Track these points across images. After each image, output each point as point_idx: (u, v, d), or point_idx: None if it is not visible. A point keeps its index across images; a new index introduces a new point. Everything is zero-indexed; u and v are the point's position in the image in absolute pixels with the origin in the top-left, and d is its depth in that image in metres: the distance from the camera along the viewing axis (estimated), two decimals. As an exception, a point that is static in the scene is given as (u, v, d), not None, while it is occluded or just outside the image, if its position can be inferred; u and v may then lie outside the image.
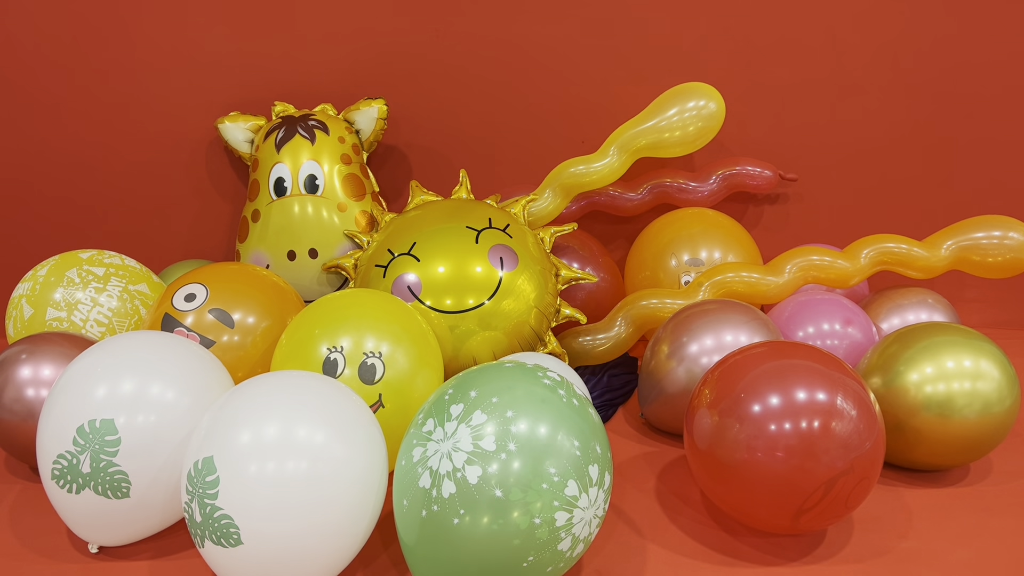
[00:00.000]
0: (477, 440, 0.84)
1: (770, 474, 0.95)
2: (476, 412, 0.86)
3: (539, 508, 0.82)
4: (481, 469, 0.82)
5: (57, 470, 0.97)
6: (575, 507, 0.84)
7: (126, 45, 1.65)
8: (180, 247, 1.79)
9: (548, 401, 0.88)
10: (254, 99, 1.67)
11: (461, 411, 0.87)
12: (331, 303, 1.20)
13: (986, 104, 1.68)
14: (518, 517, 0.82)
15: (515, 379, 0.90)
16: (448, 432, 0.86)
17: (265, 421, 0.90)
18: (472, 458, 0.83)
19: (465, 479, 0.82)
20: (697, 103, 1.50)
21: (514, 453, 0.83)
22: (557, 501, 0.83)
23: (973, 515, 1.12)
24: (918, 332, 1.19)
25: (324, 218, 1.52)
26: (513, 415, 0.85)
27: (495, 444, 0.83)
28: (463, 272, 1.34)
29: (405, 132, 1.73)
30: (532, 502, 0.82)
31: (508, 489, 0.82)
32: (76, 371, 1.01)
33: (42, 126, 1.70)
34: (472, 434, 0.84)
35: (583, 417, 0.89)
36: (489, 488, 0.82)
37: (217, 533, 0.87)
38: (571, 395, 0.91)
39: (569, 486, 0.84)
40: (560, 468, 0.83)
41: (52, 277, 1.33)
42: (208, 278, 1.27)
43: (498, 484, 0.82)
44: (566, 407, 0.88)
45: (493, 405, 0.86)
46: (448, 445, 0.85)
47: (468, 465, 0.83)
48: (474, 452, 0.83)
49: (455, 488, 0.82)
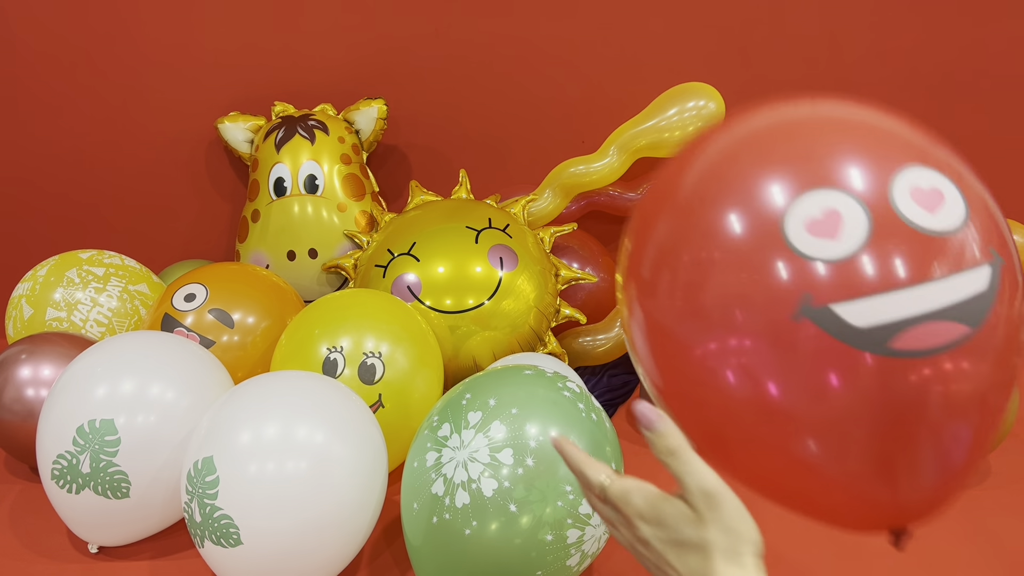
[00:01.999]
0: (494, 452, 0.83)
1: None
2: (495, 423, 0.85)
3: (552, 525, 0.82)
4: (496, 483, 0.82)
5: (57, 470, 0.97)
6: (587, 525, 0.84)
7: (126, 45, 1.65)
8: (180, 247, 1.78)
9: (568, 415, 0.87)
10: (254, 99, 1.67)
11: (479, 420, 0.86)
12: (331, 303, 1.20)
13: (986, 104, 1.68)
14: (530, 533, 0.81)
15: (535, 390, 0.90)
16: (465, 440, 0.85)
17: (265, 421, 0.90)
18: (488, 470, 0.82)
19: (480, 491, 0.82)
20: (697, 103, 1.50)
21: (531, 469, 0.82)
22: (571, 519, 0.83)
23: (971, 517, 1.12)
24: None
25: (324, 218, 1.52)
26: (532, 428, 0.85)
27: (512, 458, 0.83)
28: (463, 272, 1.34)
29: (405, 132, 1.73)
30: (545, 519, 0.82)
31: (522, 504, 0.81)
32: (76, 371, 1.01)
33: (42, 125, 1.69)
34: (489, 445, 0.84)
35: (601, 432, 0.89)
36: (503, 502, 0.81)
37: (217, 533, 0.87)
38: (590, 408, 0.91)
39: (583, 504, 0.83)
40: (575, 485, 0.83)
41: (52, 277, 1.33)
42: (208, 278, 1.27)
43: (512, 498, 0.81)
44: (585, 422, 0.88)
45: (512, 417, 0.85)
46: (464, 454, 0.84)
47: (484, 477, 0.82)
48: (490, 464, 0.83)
49: (469, 499, 0.82)
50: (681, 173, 0.68)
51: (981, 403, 0.60)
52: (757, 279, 0.59)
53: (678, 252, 0.64)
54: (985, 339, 0.58)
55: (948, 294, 0.57)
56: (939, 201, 0.61)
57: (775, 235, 0.59)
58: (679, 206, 0.66)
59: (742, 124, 0.68)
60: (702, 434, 0.64)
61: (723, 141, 0.67)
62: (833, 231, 0.58)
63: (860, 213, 0.58)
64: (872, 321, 0.56)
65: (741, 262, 0.60)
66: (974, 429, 0.60)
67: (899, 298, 0.56)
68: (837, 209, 0.58)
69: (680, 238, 0.64)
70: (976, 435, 0.60)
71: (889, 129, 0.66)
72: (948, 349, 0.57)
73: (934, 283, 0.57)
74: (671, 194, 0.68)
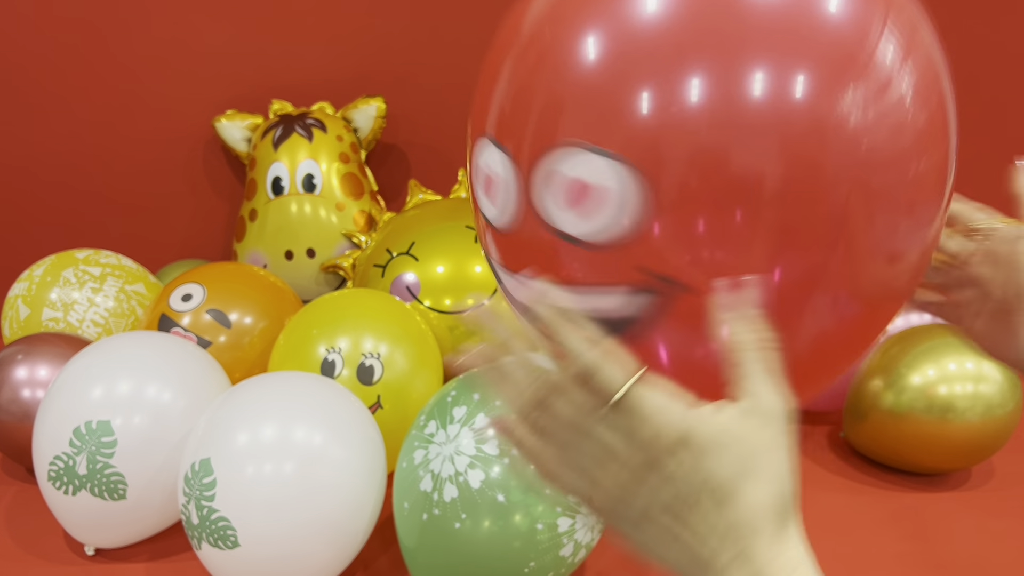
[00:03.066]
0: (480, 444, 0.83)
1: None
2: (479, 415, 0.85)
3: (541, 513, 0.81)
4: (483, 473, 0.82)
5: (53, 472, 0.96)
6: (578, 512, 0.83)
7: (122, 43, 1.65)
8: (177, 247, 1.78)
9: None
10: (251, 97, 1.66)
11: (464, 414, 0.86)
12: (329, 303, 1.19)
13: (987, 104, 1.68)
14: (520, 522, 0.81)
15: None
16: (450, 435, 0.85)
17: (262, 422, 0.89)
18: (474, 462, 0.82)
19: (467, 483, 0.82)
20: (697, 103, 1.49)
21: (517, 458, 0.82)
22: (560, 507, 0.82)
23: (975, 519, 1.11)
24: (920, 334, 1.19)
25: (322, 217, 1.51)
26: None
27: (498, 448, 0.83)
28: (462, 272, 1.34)
29: (404, 131, 1.72)
30: (534, 507, 0.81)
31: (510, 494, 0.81)
32: (72, 372, 1.00)
33: (38, 124, 1.69)
34: (475, 437, 0.84)
35: None
36: (491, 492, 0.81)
37: (214, 535, 0.86)
38: None
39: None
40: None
41: (48, 277, 1.33)
42: (205, 278, 1.26)
43: (500, 489, 0.81)
44: None
45: (496, 409, 0.85)
46: (450, 448, 0.84)
47: (470, 469, 0.82)
48: (476, 456, 0.83)
49: (457, 492, 0.82)
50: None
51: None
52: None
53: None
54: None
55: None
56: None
57: None
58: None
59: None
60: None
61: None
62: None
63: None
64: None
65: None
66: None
67: None
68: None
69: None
70: None
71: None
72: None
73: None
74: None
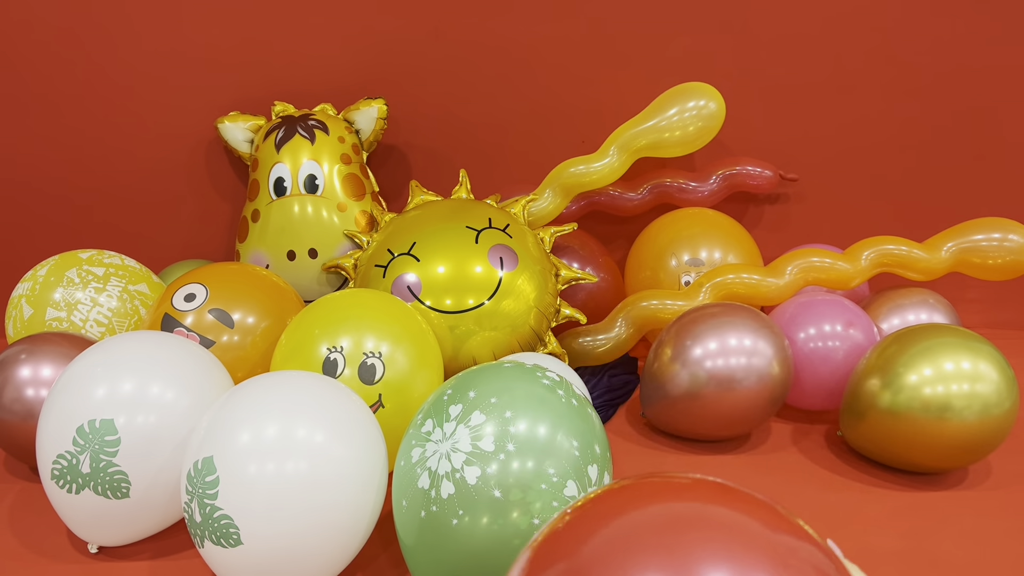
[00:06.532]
0: (476, 440, 0.84)
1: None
2: (475, 412, 0.86)
3: (538, 509, 0.82)
4: (480, 470, 0.82)
5: (57, 470, 0.97)
6: None
7: (126, 44, 1.65)
8: (180, 247, 1.78)
9: (547, 401, 0.88)
10: (254, 99, 1.67)
11: (460, 411, 0.87)
12: (331, 303, 1.20)
13: (987, 104, 1.68)
14: (517, 518, 0.82)
15: (514, 379, 0.90)
16: (447, 433, 0.86)
17: (265, 421, 0.90)
18: (471, 459, 0.83)
19: (464, 480, 0.82)
20: (697, 103, 1.49)
21: (513, 453, 0.83)
22: (556, 502, 0.83)
23: (972, 518, 1.12)
24: (917, 334, 1.19)
25: (324, 218, 1.51)
26: (512, 415, 0.85)
27: (494, 445, 0.83)
28: (463, 272, 1.34)
29: (405, 132, 1.73)
30: (531, 502, 0.82)
31: (507, 489, 0.81)
32: (76, 371, 1.01)
33: (42, 125, 1.69)
34: (471, 434, 0.84)
35: (582, 417, 0.89)
36: (488, 489, 0.82)
37: (217, 533, 0.87)
38: (570, 395, 0.91)
39: (568, 486, 0.83)
40: (559, 468, 0.83)
41: (52, 277, 1.33)
42: (208, 278, 1.27)
43: (497, 485, 0.82)
44: (565, 407, 0.88)
45: (492, 405, 0.86)
46: (447, 446, 0.85)
47: (467, 466, 0.83)
48: (473, 452, 0.83)
49: (454, 489, 0.82)
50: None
51: None
52: None
53: None
54: None
55: None
56: None
57: None
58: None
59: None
60: None
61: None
62: None
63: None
64: None
65: None
66: None
67: None
68: None
69: None
70: None
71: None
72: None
73: None
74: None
